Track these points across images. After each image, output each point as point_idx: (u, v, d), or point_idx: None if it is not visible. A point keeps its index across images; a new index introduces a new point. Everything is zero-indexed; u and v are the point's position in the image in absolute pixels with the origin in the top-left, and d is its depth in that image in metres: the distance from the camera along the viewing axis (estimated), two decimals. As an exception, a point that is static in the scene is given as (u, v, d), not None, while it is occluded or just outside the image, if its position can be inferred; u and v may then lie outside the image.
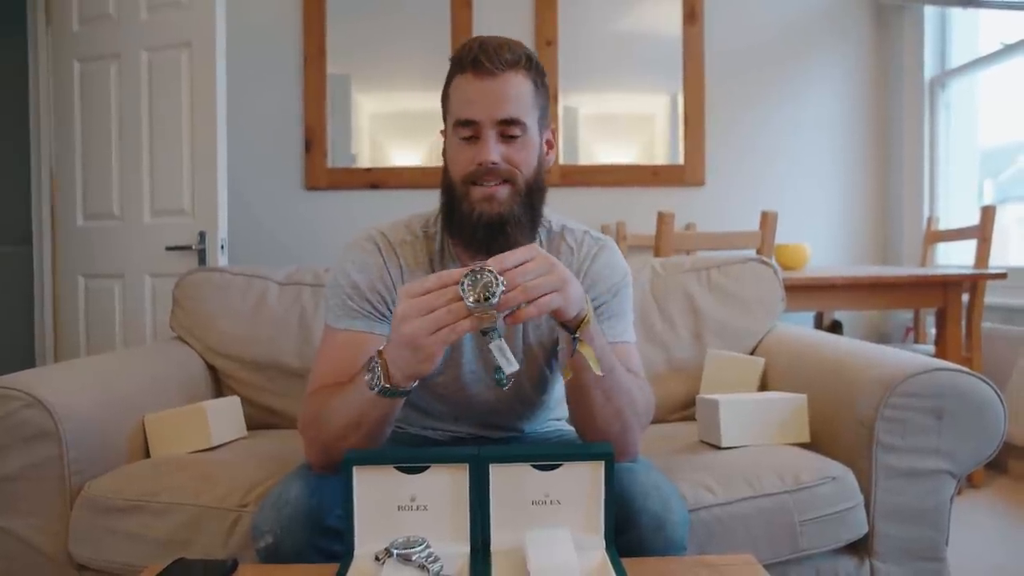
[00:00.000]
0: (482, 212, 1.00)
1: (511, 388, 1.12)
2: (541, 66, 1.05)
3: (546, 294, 0.82)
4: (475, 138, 1.00)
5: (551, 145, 1.09)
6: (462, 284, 0.80)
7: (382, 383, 0.87)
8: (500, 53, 0.99)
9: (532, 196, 1.03)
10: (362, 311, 1.05)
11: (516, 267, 0.81)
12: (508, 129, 1.00)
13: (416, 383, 0.89)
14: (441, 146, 1.09)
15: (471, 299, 0.79)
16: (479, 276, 0.80)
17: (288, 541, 0.91)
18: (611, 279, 1.10)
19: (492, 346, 0.83)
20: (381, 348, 0.89)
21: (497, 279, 0.80)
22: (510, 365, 0.83)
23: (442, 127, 1.08)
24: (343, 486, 0.82)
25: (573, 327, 0.89)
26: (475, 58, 0.99)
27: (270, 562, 0.93)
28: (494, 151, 0.99)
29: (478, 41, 1.01)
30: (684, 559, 0.93)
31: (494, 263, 0.81)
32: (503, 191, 1.01)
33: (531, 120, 1.02)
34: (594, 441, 0.99)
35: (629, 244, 2.99)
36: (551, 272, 0.83)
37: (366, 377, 0.89)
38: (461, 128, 1.01)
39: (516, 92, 1.00)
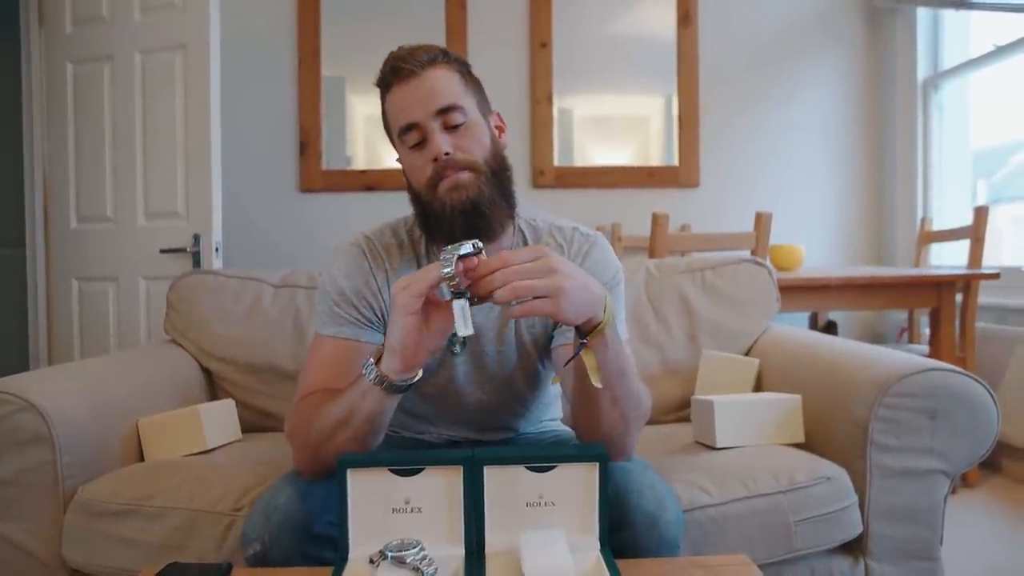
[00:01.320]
0: (453, 203, 0.99)
1: (505, 385, 1.13)
2: (462, 58, 1.06)
3: (537, 297, 0.81)
4: (422, 142, 1.01)
5: (501, 130, 1.09)
6: (443, 257, 0.83)
7: (375, 372, 0.88)
8: (415, 55, 1.00)
9: (499, 176, 1.03)
10: (349, 317, 1.05)
11: (514, 265, 0.81)
12: (449, 118, 1.00)
13: (406, 382, 0.89)
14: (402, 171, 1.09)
15: (444, 255, 0.82)
16: (459, 242, 0.83)
17: (277, 548, 0.91)
18: (604, 276, 1.09)
19: (455, 304, 0.83)
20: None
21: (473, 242, 0.82)
22: (466, 328, 0.82)
23: (396, 156, 1.08)
24: (337, 489, 0.82)
25: (585, 331, 0.87)
26: (393, 67, 1.00)
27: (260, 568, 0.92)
28: (443, 142, 0.99)
29: (391, 54, 1.03)
30: (679, 560, 0.93)
31: (497, 259, 0.82)
32: (466, 175, 1.00)
33: (468, 103, 1.03)
34: (594, 442, 0.98)
35: (624, 245, 3.00)
36: (548, 276, 0.81)
37: (363, 367, 0.90)
38: (406, 136, 1.02)
39: (443, 83, 1.01)
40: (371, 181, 3.20)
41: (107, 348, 2.46)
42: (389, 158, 3.25)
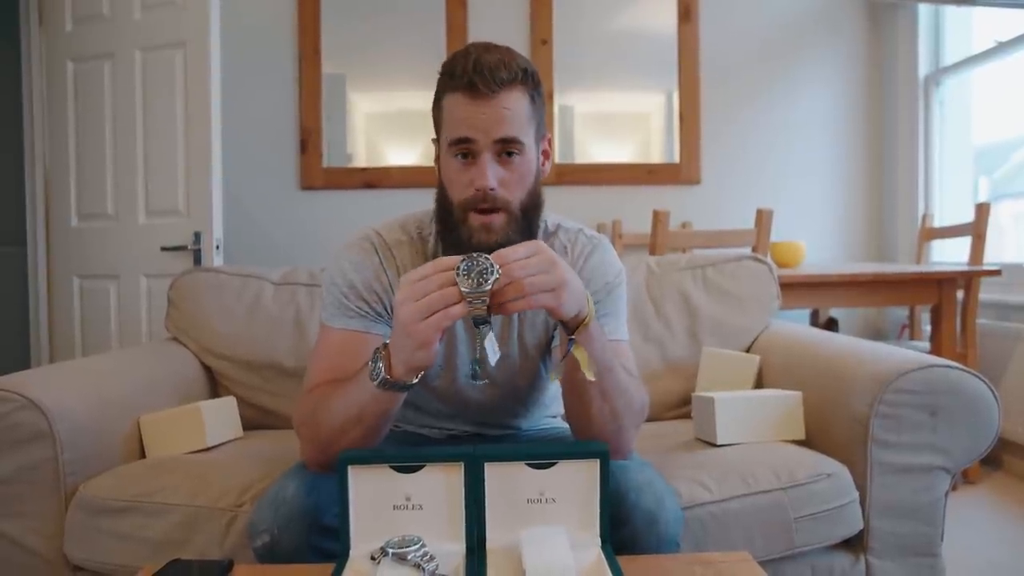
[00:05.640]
0: (479, 242, 0.98)
1: (507, 387, 1.13)
2: (538, 76, 1.02)
3: (540, 292, 0.82)
4: (471, 156, 0.98)
5: (547, 155, 1.07)
6: (458, 269, 0.80)
7: (383, 375, 0.87)
8: (496, 73, 0.95)
9: (528, 217, 1.02)
10: (359, 311, 1.05)
11: (516, 261, 0.81)
12: (506, 148, 0.98)
13: (417, 379, 0.88)
14: (433, 153, 1.08)
15: (465, 285, 0.79)
16: (475, 263, 0.80)
17: (285, 540, 0.92)
18: (605, 277, 1.10)
19: (482, 335, 0.82)
20: (387, 341, 0.88)
21: (493, 266, 0.80)
22: (494, 355, 0.83)
23: (434, 135, 1.07)
24: (338, 485, 0.82)
25: (572, 327, 0.88)
26: (470, 80, 0.95)
27: (267, 561, 0.93)
28: (491, 177, 0.97)
29: (472, 58, 0.96)
30: (680, 556, 0.93)
31: (495, 257, 0.81)
32: (499, 220, 0.99)
33: (528, 137, 1.00)
34: (588, 439, 0.99)
35: (625, 243, 3.00)
36: (550, 271, 0.83)
37: (368, 369, 0.89)
38: (456, 146, 0.99)
39: (513, 111, 0.97)
40: (372, 179, 3.20)
41: (108, 346, 2.46)
42: (390, 156, 3.26)
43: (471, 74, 0.95)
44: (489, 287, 0.79)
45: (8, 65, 2.94)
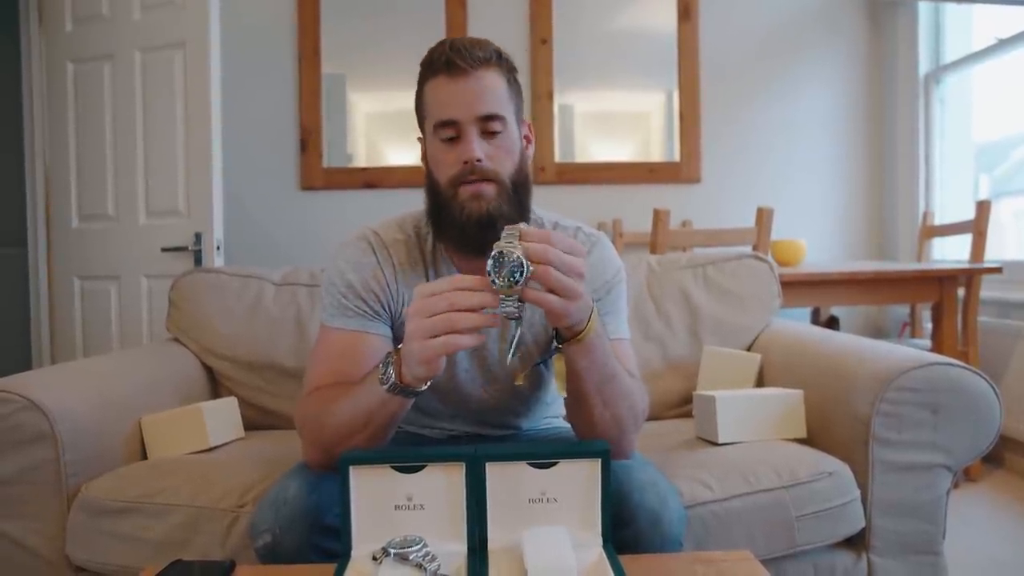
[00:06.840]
0: (471, 211, 1.00)
1: (504, 387, 1.13)
2: (511, 61, 1.05)
3: (554, 292, 0.80)
4: (456, 138, 1.01)
5: (529, 140, 1.09)
6: (489, 270, 0.79)
7: (393, 379, 0.88)
8: (472, 51, 0.99)
9: (518, 191, 1.04)
10: (357, 310, 1.05)
11: (558, 253, 0.80)
12: (489, 125, 1.00)
13: (426, 386, 0.89)
14: (420, 152, 1.09)
15: (497, 282, 0.78)
16: (502, 260, 0.78)
17: (287, 540, 0.92)
18: (604, 275, 1.10)
19: (517, 333, 0.83)
20: (400, 346, 0.89)
21: (524, 264, 0.78)
22: (514, 354, 0.84)
23: (419, 134, 1.09)
24: (340, 486, 0.82)
25: (565, 336, 0.88)
26: (448, 60, 0.99)
27: (269, 561, 0.93)
28: (478, 148, 0.99)
29: (447, 43, 1.01)
30: (681, 555, 0.93)
31: (538, 235, 0.80)
32: (489, 189, 1.00)
33: (509, 114, 1.03)
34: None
35: (625, 241, 3.00)
36: (577, 278, 0.82)
37: (379, 373, 0.89)
38: (442, 129, 1.01)
39: (491, 88, 1.00)
40: (372, 179, 3.20)
41: (109, 347, 2.46)
42: (390, 156, 3.26)
43: (448, 54, 1.00)
44: (521, 284, 0.78)
45: (8, 65, 2.93)
